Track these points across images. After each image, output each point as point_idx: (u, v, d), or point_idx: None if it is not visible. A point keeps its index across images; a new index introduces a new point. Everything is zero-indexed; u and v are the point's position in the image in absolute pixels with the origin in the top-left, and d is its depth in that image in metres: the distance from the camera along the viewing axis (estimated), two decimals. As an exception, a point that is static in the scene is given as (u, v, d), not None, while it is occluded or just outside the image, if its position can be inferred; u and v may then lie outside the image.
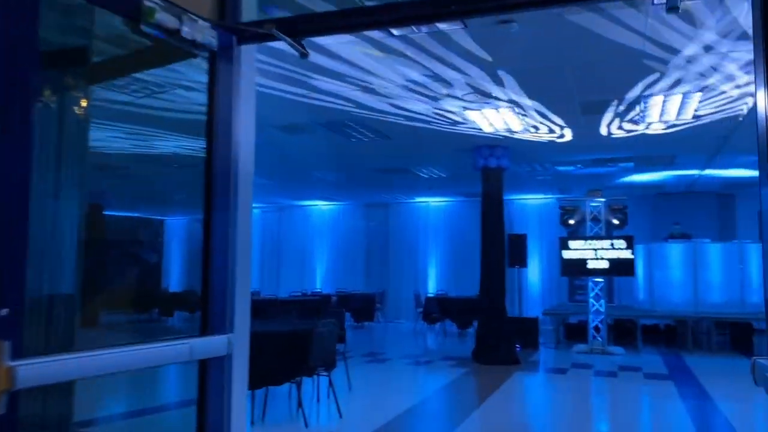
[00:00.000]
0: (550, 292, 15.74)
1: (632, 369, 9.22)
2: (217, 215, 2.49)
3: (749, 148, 9.74)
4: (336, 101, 7.29)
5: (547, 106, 7.48)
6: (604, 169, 11.68)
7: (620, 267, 10.72)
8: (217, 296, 2.52)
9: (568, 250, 11.01)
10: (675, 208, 14.54)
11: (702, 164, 11.30)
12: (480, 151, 9.76)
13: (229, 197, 2.44)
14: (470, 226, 16.44)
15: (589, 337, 11.04)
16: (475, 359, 9.86)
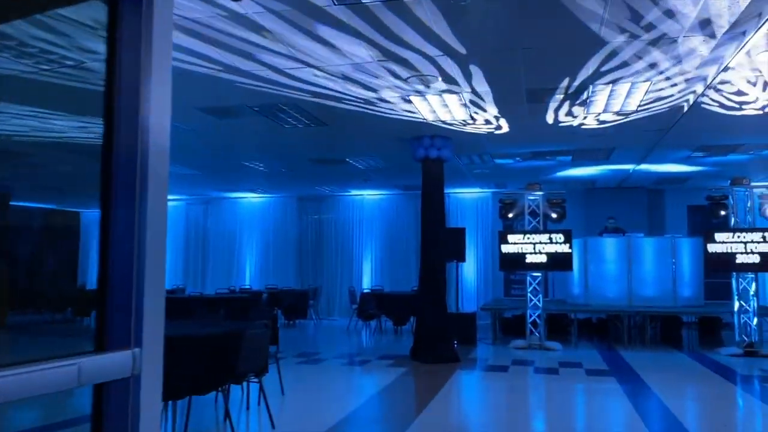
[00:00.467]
0: (485, 287, 15.60)
1: (573, 365, 9.07)
2: (118, 205, 1.88)
3: (685, 142, 9.77)
4: (269, 83, 6.68)
5: (493, 93, 7.13)
6: (542, 162, 11.53)
7: (558, 261, 10.59)
8: (118, 303, 1.92)
9: (507, 244, 10.79)
10: (607, 203, 14.67)
11: (637, 159, 11.33)
12: (421, 141, 9.35)
13: (135, 183, 1.85)
14: (406, 220, 16.11)
15: (527, 332, 10.87)
16: (413, 357, 9.47)
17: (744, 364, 9.33)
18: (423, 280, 9.58)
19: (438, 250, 9.47)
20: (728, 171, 11.99)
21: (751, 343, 10.01)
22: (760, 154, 10.48)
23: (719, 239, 10.11)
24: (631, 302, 11.78)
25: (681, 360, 9.73)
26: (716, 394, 7.39)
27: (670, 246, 11.77)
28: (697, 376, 8.47)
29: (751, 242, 9.97)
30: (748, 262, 9.97)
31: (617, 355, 10.07)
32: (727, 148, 10.09)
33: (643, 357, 9.91)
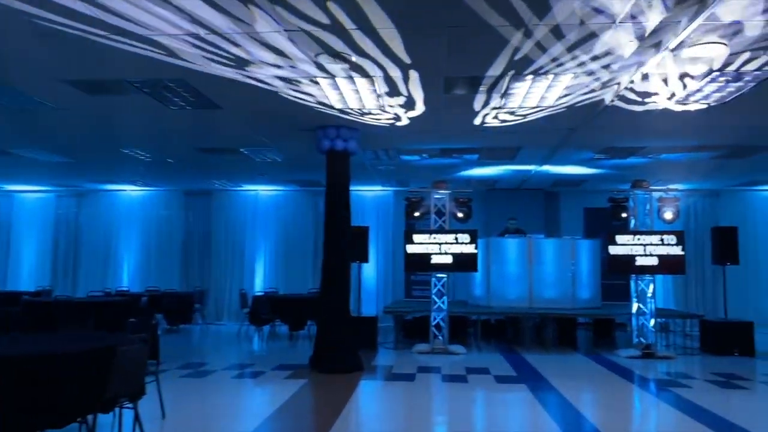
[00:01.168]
0: (385, 288, 15.07)
1: (480, 371, 8.67)
2: None
3: (591, 143, 9.69)
4: (152, 50, 5.68)
5: (409, 79, 6.52)
6: (448, 160, 11.14)
7: (464, 262, 10.21)
8: None
9: (413, 244, 10.27)
10: (506, 204, 14.59)
11: (541, 160, 11.20)
12: (326, 131, 8.60)
13: None
14: (304, 218, 15.28)
15: (430, 336, 10.41)
16: (313, 367, 8.69)
17: (644, 366, 9.35)
18: (325, 282, 8.83)
19: (343, 250, 8.76)
20: (626, 174, 12.19)
21: (648, 345, 10.11)
22: (659, 158, 10.65)
23: (620, 241, 10.14)
24: (531, 304, 11.65)
25: (584, 363, 9.63)
26: (629, 401, 7.22)
27: (570, 247, 11.77)
28: (604, 380, 8.32)
29: (650, 245, 10.07)
30: (647, 264, 10.06)
31: (521, 359, 9.82)
32: (630, 151, 10.14)
33: (547, 360, 9.73)
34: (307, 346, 10.39)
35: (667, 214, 10.19)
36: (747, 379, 8.13)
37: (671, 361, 9.82)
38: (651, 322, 10.20)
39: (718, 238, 10.79)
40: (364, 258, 11.20)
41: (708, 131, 8.69)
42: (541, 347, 11.11)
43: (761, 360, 9.97)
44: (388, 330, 13.04)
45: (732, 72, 6.07)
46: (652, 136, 9.12)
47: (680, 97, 6.97)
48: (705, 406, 6.64)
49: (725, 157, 10.47)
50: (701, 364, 9.49)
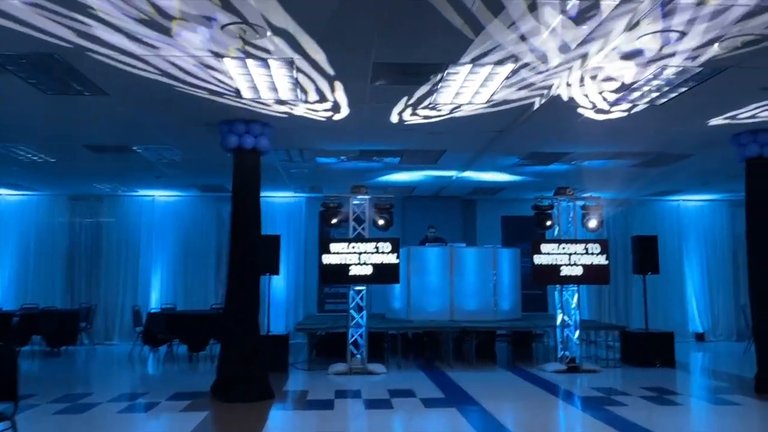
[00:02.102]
0: (296, 302, 14.06)
1: (404, 394, 7.91)
2: None
3: (517, 148, 9.24)
4: (23, 22, 4.53)
5: (333, 64, 5.69)
6: (368, 164, 10.38)
7: (385, 273, 9.45)
8: None
9: (330, 254, 9.40)
10: (424, 211, 14.02)
11: (463, 165, 10.68)
12: (233, 126, 7.59)
13: None
14: (207, 226, 14.05)
15: (347, 354, 9.55)
16: (216, 395, 7.61)
17: (572, 381, 8.95)
18: (230, 296, 7.78)
19: (252, 260, 7.75)
20: (545, 182, 11.92)
21: (573, 359, 9.75)
22: (581, 165, 10.39)
23: (545, 250, 9.75)
24: (453, 316, 11.08)
25: (511, 380, 9.10)
26: (572, 424, 6.69)
27: (492, 257, 11.30)
28: (537, 400, 7.78)
29: (574, 254, 9.74)
30: (572, 274, 9.72)
31: (445, 378, 9.16)
32: (554, 157, 9.79)
33: (472, 378, 9.12)
34: (209, 369, 9.26)
35: (591, 223, 9.92)
36: (678, 394, 7.86)
37: (596, 374, 9.50)
38: (575, 334, 9.85)
39: (638, 247, 10.66)
40: (274, 270, 10.20)
41: (631, 137, 8.45)
42: (463, 362, 10.52)
43: (682, 371, 9.86)
44: (299, 347, 12.07)
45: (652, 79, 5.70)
46: (577, 141, 8.78)
47: (605, 104, 6.59)
48: (648, 427, 6.20)
49: (643, 165, 10.36)
50: (627, 378, 9.20)
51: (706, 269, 14.67)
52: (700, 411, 6.93)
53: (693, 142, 8.71)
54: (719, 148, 8.84)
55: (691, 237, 14.68)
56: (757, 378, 7.93)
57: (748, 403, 7.27)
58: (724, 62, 5.49)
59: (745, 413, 6.89)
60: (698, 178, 11.65)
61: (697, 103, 6.74)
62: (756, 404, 7.19)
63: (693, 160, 9.78)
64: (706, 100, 6.65)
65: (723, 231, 14.84)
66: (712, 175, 11.34)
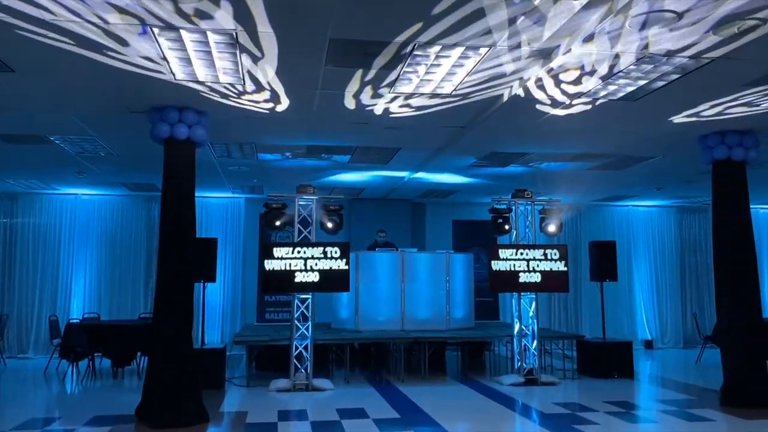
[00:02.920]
0: (233, 312, 13.09)
1: (355, 414, 7.17)
2: None
3: (476, 147, 8.68)
4: None
5: (281, 40, 4.92)
6: (315, 162, 9.61)
7: (333, 280, 8.69)
8: None
9: (273, 260, 8.57)
10: (372, 215, 13.34)
11: (416, 165, 10.06)
12: (164, 113, 6.69)
13: None
14: (136, 228, 12.92)
15: (291, 369, 8.74)
16: (142, 419, 6.67)
17: (532, 395, 8.43)
18: (160, 306, 6.85)
19: (186, 266, 6.85)
20: (500, 185, 11.46)
21: (531, 370, 9.25)
22: (539, 167, 9.94)
23: (503, 256, 9.22)
24: (404, 326, 10.41)
25: (468, 395, 8.50)
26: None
27: (445, 262, 10.71)
28: (501, 418, 7.21)
29: (533, 260, 9.25)
30: (530, 281, 9.22)
31: (398, 393, 8.48)
32: (512, 158, 9.29)
33: (426, 393, 8.48)
34: (136, 386, 8.26)
35: (551, 227, 9.46)
36: (645, 408, 7.42)
37: (555, 387, 9.03)
38: (533, 345, 9.36)
39: (596, 253, 10.29)
40: (210, 277, 9.29)
41: (594, 138, 8.03)
42: (414, 375, 9.87)
43: (641, 383, 9.52)
44: (236, 360, 11.15)
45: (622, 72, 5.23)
46: (540, 141, 8.30)
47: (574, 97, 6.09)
48: (624, 448, 5.70)
49: (602, 168, 10.01)
50: (588, 391, 8.75)
51: (654, 276, 14.57)
52: (673, 429, 6.49)
53: (658, 144, 8.36)
54: (684, 151, 8.54)
55: (639, 243, 14.56)
56: (723, 390, 7.61)
57: (721, 418, 6.89)
58: (708, 53, 5.05)
59: (724, 429, 6.50)
60: (654, 183, 11.43)
61: (674, 97, 6.32)
62: (729, 420, 6.82)
63: (654, 163, 9.48)
64: (684, 95, 6.24)
65: (671, 237, 14.80)
66: (668, 180, 11.13)
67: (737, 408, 7.23)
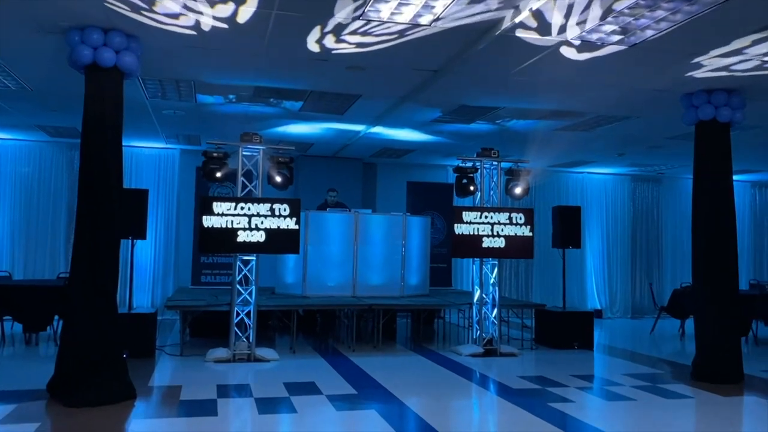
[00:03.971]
0: (165, 273, 12.00)
1: (306, 389, 6.39)
2: None
3: (445, 98, 7.89)
4: None
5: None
6: (262, 108, 8.60)
7: (281, 241, 7.81)
8: None
9: (212, 216, 7.59)
10: (321, 173, 12.45)
11: (374, 118, 9.19)
12: (85, 34, 5.56)
13: None
14: (56, 178, 11.63)
15: (231, 337, 7.85)
16: (55, 396, 5.68)
17: (493, 366, 7.88)
18: (78, 264, 5.81)
19: (110, 219, 5.81)
20: (460, 145, 10.80)
21: (490, 340, 8.69)
22: (505, 124, 9.27)
23: (467, 219, 8.54)
24: (355, 292, 9.65)
25: (426, 366, 7.85)
26: (505, 420, 5.50)
27: (401, 225, 9.96)
28: (464, 394, 6.61)
29: (497, 224, 8.61)
30: (494, 246, 8.60)
31: (350, 364, 7.75)
32: (480, 112, 8.56)
33: (381, 364, 7.79)
34: (52, 354, 7.19)
35: (518, 189, 8.81)
36: (616, 383, 6.95)
37: (515, 358, 8.51)
38: (493, 313, 8.79)
39: (560, 219, 9.75)
40: (140, 233, 8.22)
41: (574, 92, 7.38)
42: (366, 345, 9.17)
43: (603, 354, 9.14)
44: (167, 326, 10.15)
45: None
46: (515, 94, 7.60)
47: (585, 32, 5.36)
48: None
49: (571, 129, 9.45)
50: (550, 363, 8.26)
51: (605, 245, 14.34)
52: (654, 407, 6.03)
53: (636, 103, 7.80)
54: (663, 111, 8.04)
55: (593, 211, 14.24)
56: (695, 364, 7.23)
57: (697, 394, 6.48)
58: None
59: (707, 408, 6.08)
60: (618, 148, 10.98)
61: (674, 44, 5.68)
62: (706, 396, 6.41)
63: (627, 124, 8.96)
64: (686, 40, 5.60)
65: (624, 206, 14.57)
66: (634, 145, 10.69)
67: (709, 383, 6.87)
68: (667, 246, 14.78)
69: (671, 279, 14.37)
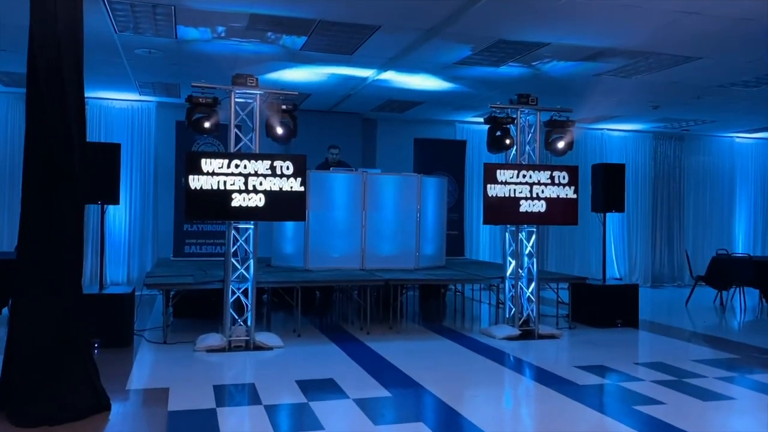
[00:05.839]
0: (142, 244, 10.56)
1: (326, 388, 5.13)
2: None
3: (477, 32, 6.51)
4: None
5: None
6: (256, 46, 7.13)
7: (284, 205, 6.45)
8: None
9: (201, 176, 6.19)
10: (318, 129, 10.97)
11: (388, 59, 7.78)
12: None
13: None
14: (9, 136, 10.04)
15: (225, 321, 6.53)
16: (3, 408, 4.32)
17: (541, 353, 6.70)
18: (28, 239, 4.41)
19: (70, 179, 4.38)
20: (481, 95, 9.45)
21: (527, 320, 7.50)
22: (542, 67, 7.92)
23: (501, 178, 7.24)
24: (364, 264, 8.37)
25: (462, 355, 6.59)
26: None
27: (416, 188, 8.64)
28: (513, 389, 5.43)
29: (537, 184, 7.33)
30: (534, 210, 7.33)
31: (370, 353, 6.49)
32: (520, 50, 7.19)
33: (405, 351, 6.55)
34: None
35: (560, 143, 7.51)
36: (694, 374, 5.79)
37: (558, 341, 7.33)
38: (529, 289, 7.57)
39: (601, 178, 8.48)
40: (112, 197, 6.78)
41: (636, 21, 6.07)
42: (380, 326, 7.91)
43: (653, 333, 7.99)
44: (146, 304, 8.77)
45: None
46: (567, 24, 6.24)
47: None
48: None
49: (614, 73, 8.16)
50: (600, 346, 7.08)
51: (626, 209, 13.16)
52: (759, 407, 4.88)
53: (706, 38, 6.49)
54: (733, 51, 6.76)
55: (612, 172, 13.02)
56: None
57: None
58: None
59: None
60: (656, 98, 9.71)
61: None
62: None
63: (683, 69, 7.67)
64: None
65: (645, 167, 13.39)
66: (676, 95, 9.43)
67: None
68: (688, 210, 13.69)
69: (693, 245, 13.33)
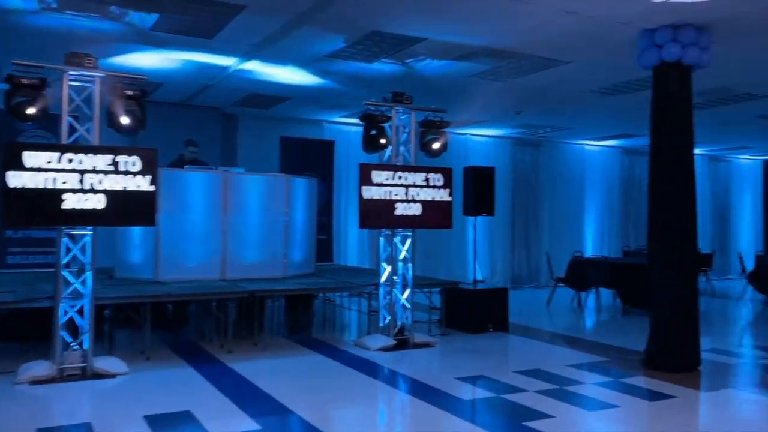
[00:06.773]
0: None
1: (176, 420, 4.36)
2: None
3: (353, 19, 6.05)
4: None
5: None
6: (95, 23, 6.10)
7: (130, 208, 5.53)
8: None
9: (24, 171, 5.10)
10: (171, 123, 9.89)
11: (252, 46, 7.08)
12: None
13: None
14: None
15: (56, 345, 5.46)
16: None
17: (418, 365, 6.35)
18: None
19: None
20: (349, 93, 9.00)
21: (402, 329, 7.13)
22: (415, 65, 7.60)
23: (377, 180, 6.80)
24: (225, 273, 7.56)
25: (334, 370, 6.06)
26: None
27: (284, 189, 7.97)
28: (397, 410, 4.97)
29: (413, 186, 6.98)
30: (409, 213, 6.97)
31: (233, 375, 5.75)
32: (394, 44, 6.79)
33: (272, 371, 5.91)
34: None
35: (436, 144, 7.22)
36: (575, 381, 5.69)
37: (433, 349, 7.04)
38: (404, 295, 7.20)
39: (473, 182, 8.35)
40: None
41: (519, 19, 5.93)
42: (243, 341, 7.15)
43: (521, 336, 7.95)
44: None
45: None
46: (445, 18, 5.95)
47: None
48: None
49: (486, 75, 8.06)
50: (476, 354, 6.88)
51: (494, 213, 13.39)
52: (644, 416, 4.82)
53: (580, 40, 6.51)
54: (607, 54, 6.85)
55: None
56: (649, 352, 6.20)
57: (677, 391, 5.37)
58: None
59: (695, 409, 5.00)
60: (522, 102, 9.82)
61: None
62: (688, 394, 5.35)
63: (552, 73, 7.72)
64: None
65: (505, 172, 13.69)
66: (541, 101, 9.60)
67: (666, 372, 5.87)
68: (544, 214, 14.23)
69: (549, 247, 13.83)
